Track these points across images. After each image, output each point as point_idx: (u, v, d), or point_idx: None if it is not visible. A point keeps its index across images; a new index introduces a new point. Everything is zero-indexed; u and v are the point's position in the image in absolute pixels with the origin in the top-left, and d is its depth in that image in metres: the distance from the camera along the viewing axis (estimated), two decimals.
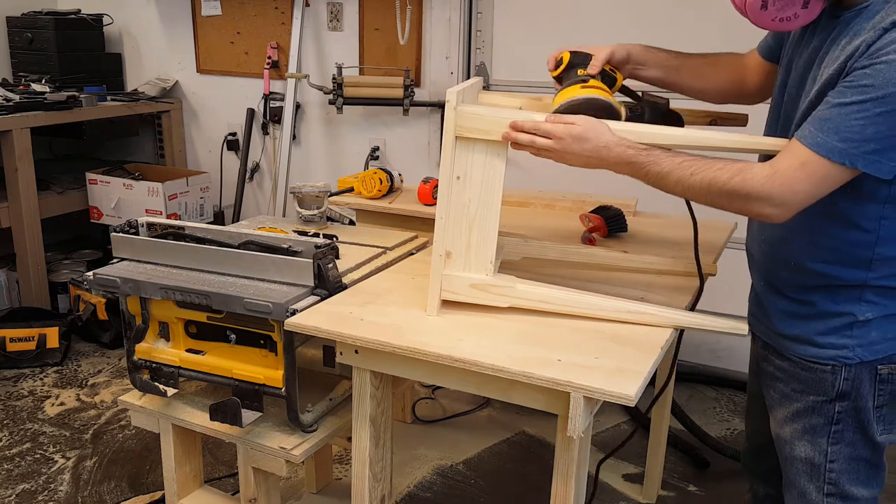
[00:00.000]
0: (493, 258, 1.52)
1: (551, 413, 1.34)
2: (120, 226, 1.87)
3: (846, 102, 1.21)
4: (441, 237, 1.50)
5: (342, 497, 2.28)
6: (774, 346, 1.49)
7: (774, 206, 1.28)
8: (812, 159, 1.24)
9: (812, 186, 1.25)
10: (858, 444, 1.40)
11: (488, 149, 1.47)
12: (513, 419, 2.88)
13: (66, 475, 2.52)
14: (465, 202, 1.49)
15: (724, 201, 1.32)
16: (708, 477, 2.60)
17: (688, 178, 1.33)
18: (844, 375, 1.37)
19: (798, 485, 1.46)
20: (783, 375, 1.47)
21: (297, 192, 2.26)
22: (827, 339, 1.38)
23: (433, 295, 1.53)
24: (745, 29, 1.67)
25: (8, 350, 3.23)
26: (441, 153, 1.48)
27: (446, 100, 1.44)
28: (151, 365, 1.81)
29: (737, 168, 1.30)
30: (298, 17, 3.58)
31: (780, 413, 1.49)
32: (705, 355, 3.22)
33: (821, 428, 1.41)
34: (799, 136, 1.27)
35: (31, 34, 3.88)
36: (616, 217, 2.09)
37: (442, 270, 1.52)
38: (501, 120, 1.44)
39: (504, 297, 1.53)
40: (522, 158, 3.34)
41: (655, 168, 1.36)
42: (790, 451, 1.47)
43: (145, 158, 4.25)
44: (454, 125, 1.45)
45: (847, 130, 1.21)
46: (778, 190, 1.26)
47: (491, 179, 1.48)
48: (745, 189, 1.28)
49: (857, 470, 1.42)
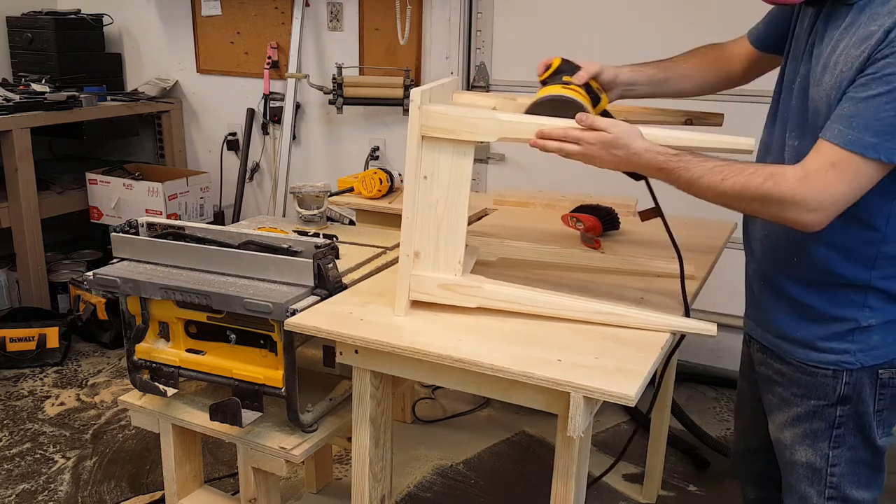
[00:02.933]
0: (462, 258, 1.51)
1: (551, 413, 1.34)
2: (120, 226, 1.87)
3: (872, 95, 1.17)
4: (408, 237, 1.50)
5: (342, 497, 2.28)
6: (773, 349, 1.47)
7: (810, 211, 1.22)
8: (843, 157, 1.19)
9: (847, 186, 1.21)
10: (859, 447, 1.39)
11: (454, 149, 1.46)
12: (513, 419, 2.88)
13: (66, 475, 2.52)
14: (432, 202, 1.49)
15: (758, 207, 1.28)
16: (708, 477, 2.60)
17: (719, 184, 1.29)
18: (846, 380, 1.36)
19: (799, 489, 1.45)
20: (782, 379, 1.45)
21: (297, 192, 2.26)
22: (828, 344, 1.37)
23: (401, 295, 1.52)
24: (743, 26, 1.68)
25: (8, 350, 3.23)
26: (406, 152, 1.48)
27: (411, 99, 1.43)
28: (151, 365, 1.81)
29: (768, 172, 1.26)
30: (298, 17, 3.59)
31: (779, 417, 1.48)
32: (705, 355, 3.23)
33: (822, 432, 1.40)
34: (826, 135, 1.22)
35: (31, 34, 3.88)
36: (610, 215, 2.09)
37: (410, 271, 1.52)
38: (466, 119, 1.43)
39: (472, 298, 1.52)
40: (522, 158, 3.36)
41: (686, 174, 1.32)
42: (790, 455, 1.46)
43: (145, 158, 4.25)
44: (419, 124, 1.44)
45: (878, 124, 1.17)
46: (812, 193, 1.21)
47: (458, 179, 1.47)
48: (778, 193, 1.23)
49: (858, 473, 1.41)
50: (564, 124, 1.40)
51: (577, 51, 1.61)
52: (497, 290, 1.53)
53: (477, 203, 2.50)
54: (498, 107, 1.60)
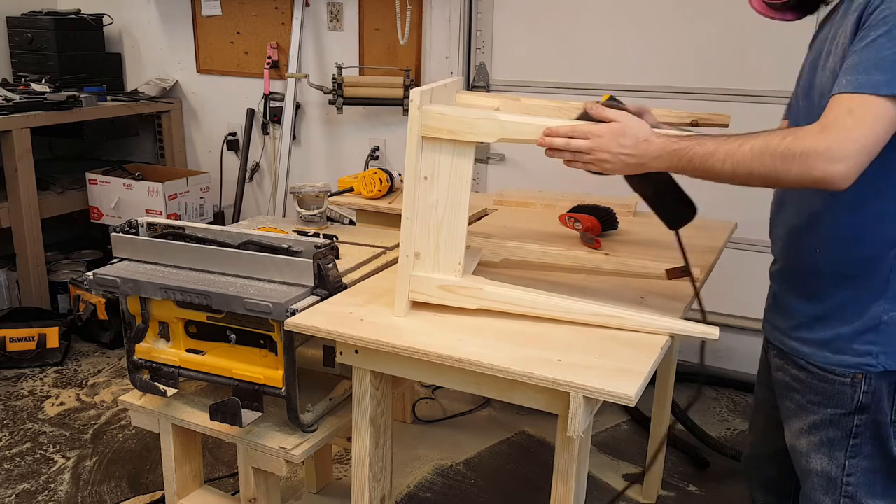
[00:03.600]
0: (462, 259, 1.51)
1: (551, 413, 1.34)
2: (120, 226, 1.87)
3: (872, 39, 1.17)
4: (408, 238, 1.50)
5: (342, 497, 2.28)
6: (791, 354, 1.44)
7: (836, 161, 1.16)
8: (857, 101, 1.16)
9: (868, 129, 1.16)
10: (876, 456, 1.37)
11: (455, 149, 1.45)
12: (513, 419, 2.88)
13: (66, 475, 2.52)
14: (432, 203, 1.49)
15: (780, 165, 1.20)
16: (708, 477, 2.60)
17: (737, 150, 1.23)
18: (864, 388, 1.34)
19: (814, 498, 1.43)
20: (799, 386, 1.43)
21: (297, 192, 2.26)
22: (849, 345, 1.34)
23: (401, 296, 1.52)
24: (744, 29, 1.68)
25: (8, 350, 3.23)
26: (406, 153, 1.47)
27: (411, 99, 1.43)
28: (151, 365, 1.81)
29: (787, 131, 1.22)
30: (298, 17, 3.58)
31: (795, 425, 1.45)
32: (705, 355, 3.22)
33: (839, 441, 1.38)
34: (837, 89, 1.20)
35: (31, 34, 3.88)
36: (608, 215, 2.09)
37: (410, 271, 1.51)
38: (466, 119, 1.42)
39: (472, 299, 1.52)
40: (522, 158, 3.36)
41: (700, 149, 1.27)
42: (806, 463, 1.44)
43: (145, 158, 4.25)
44: (419, 125, 1.44)
45: (884, 62, 1.15)
46: (834, 140, 1.16)
47: (458, 180, 1.47)
48: (801, 146, 1.18)
49: (874, 483, 1.39)
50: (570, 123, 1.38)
51: (577, 51, 1.60)
52: (497, 291, 1.52)
53: (477, 203, 2.50)
54: (502, 107, 1.60)
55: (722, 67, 2.89)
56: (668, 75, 3.01)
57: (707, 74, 2.94)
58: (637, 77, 3.04)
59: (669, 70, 3.00)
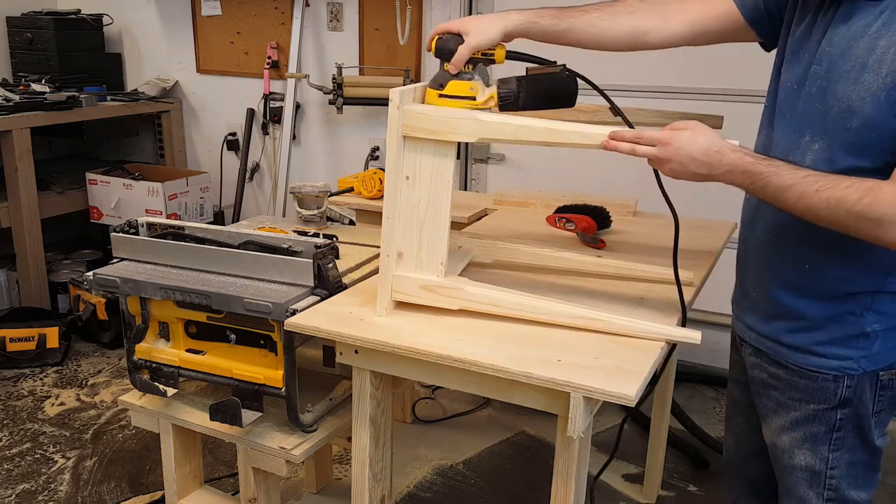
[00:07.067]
0: (445, 259, 1.50)
1: (551, 413, 1.34)
2: (120, 226, 1.87)
3: None
4: (389, 238, 1.49)
5: (342, 497, 2.28)
6: (768, 352, 1.42)
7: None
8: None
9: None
10: (857, 448, 1.38)
11: (436, 149, 1.45)
12: (513, 419, 2.88)
13: (66, 475, 2.52)
14: (414, 202, 1.48)
15: (851, 223, 1.18)
16: (708, 477, 2.60)
17: (812, 195, 1.20)
18: (847, 384, 1.34)
19: (797, 492, 1.43)
20: (779, 384, 1.42)
21: (297, 192, 2.26)
22: (830, 350, 1.34)
23: (383, 296, 1.52)
24: None
25: (8, 350, 3.23)
26: (387, 152, 1.47)
27: (390, 99, 1.42)
28: (151, 365, 1.81)
29: (866, 187, 1.17)
30: (298, 17, 3.58)
31: (775, 422, 1.44)
32: (705, 355, 3.22)
33: (822, 436, 1.38)
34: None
35: (31, 34, 3.88)
36: (601, 214, 2.09)
37: (392, 271, 1.51)
38: (446, 119, 1.42)
39: (453, 300, 1.51)
40: (522, 158, 3.36)
41: (777, 179, 1.22)
42: (789, 459, 1.43)
43: (145, 158, 4.25)
44: (398, 125, 1.43)
45: None
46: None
47: (440, 180, 1.47)
48: (876, 212, 1.15)
49: (856, 474, 1.40)
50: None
51: (574, 51, 1.59)
52: (479, 292, 1.51)
53: (477, 203, 2.50)
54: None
55: (717, 67, 2.88)
56: (663, 75, 3.00)
57: (702, 74, 2.93)
58: (633, 77, 3.03)
59: (665, 70, 2.99)
